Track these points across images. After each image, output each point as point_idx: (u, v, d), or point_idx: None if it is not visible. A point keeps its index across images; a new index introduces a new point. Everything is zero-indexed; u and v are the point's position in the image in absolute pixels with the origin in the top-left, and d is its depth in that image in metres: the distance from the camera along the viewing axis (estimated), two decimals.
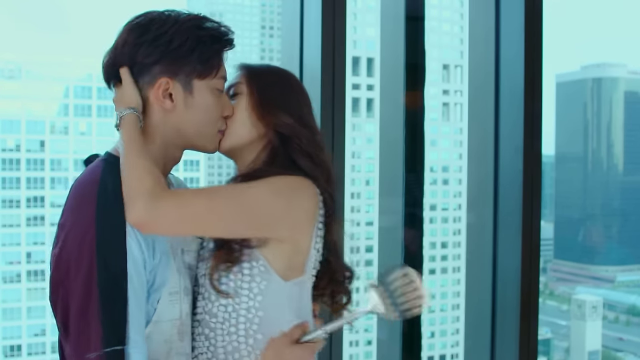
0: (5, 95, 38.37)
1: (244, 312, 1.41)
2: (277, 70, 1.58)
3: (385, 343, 3.12)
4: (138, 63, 1.39)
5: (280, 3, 7.41)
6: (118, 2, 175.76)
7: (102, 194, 1.31)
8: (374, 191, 31.88)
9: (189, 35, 1.39)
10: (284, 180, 1.42)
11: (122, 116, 1.38)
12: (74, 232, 1.30)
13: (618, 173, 66.07)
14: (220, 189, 1.44)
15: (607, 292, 58.52)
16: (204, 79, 1.41)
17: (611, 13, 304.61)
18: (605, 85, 67.65)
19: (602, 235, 65.28)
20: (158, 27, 1.38)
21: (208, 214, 1.34)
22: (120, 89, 1.41)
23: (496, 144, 3.03)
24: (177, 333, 1.40)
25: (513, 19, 2.94)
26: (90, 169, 1.39)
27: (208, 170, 36.70)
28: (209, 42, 1.41)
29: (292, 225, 1.41)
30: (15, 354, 34.69)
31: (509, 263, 2.97)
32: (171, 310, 1.38)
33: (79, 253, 1.28)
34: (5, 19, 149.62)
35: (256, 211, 1.37)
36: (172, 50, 1.38)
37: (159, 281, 1.35)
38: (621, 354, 54.97)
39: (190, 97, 1.41)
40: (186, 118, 1.42)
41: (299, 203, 1.41)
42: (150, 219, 1.28)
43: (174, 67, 1.39)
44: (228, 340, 1.42)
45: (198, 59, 1.40)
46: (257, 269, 1.41)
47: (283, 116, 1.48)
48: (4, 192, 35.03)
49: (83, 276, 1.26)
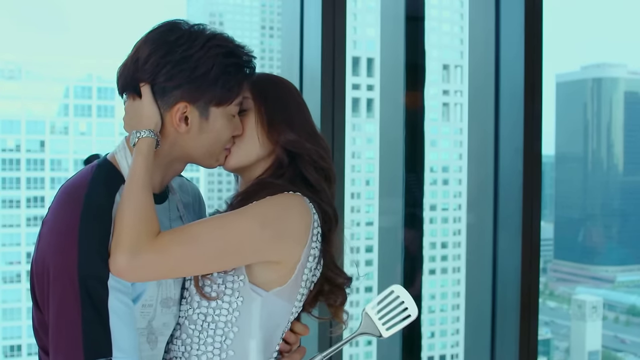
0: (5, 95, 38.33)
1: (222, 325, 1.41)
2: (277, 81, 1.56)
3: (385, 343, 3.12)
4: (159, 83, 1.35)
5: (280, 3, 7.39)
6: (118, 3, 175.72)
7: (87, 202, 1.30)
8: (374, 191, 31.85)
9: (215, 63, 1.36)
10: (274, 203, 1.40)
11: (140, 137, 1.35)
12: (55, 236, 1.30)
13: (618, 173, 66.05)
14: (203, 228, 1.37)
15: (607, 293, 58.49)
16: (220, 107, 1.39)
17: (611, 13, 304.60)
18: (605, 86, 67.63)
19: (602, 235, 65.26)
20: (185, 49, 1.35)
21: (191, 259, 1.33)
22: (136, 104, 1.38)
23: (496, 144, 3.03)
24: (146, 341, 1.39)
25: (513, 19, 2.94)
26: (82, 172, 1.38)
27: (208, 170, 36.57)
28: (234, 72, 1.39)
29: (280, 249, 1.40)
30: (15, 354, 34.66)
31: (509, 263, 2.97)
32: (139, 321, 1.36)
33: (61, 258, 1.26)
34: (6, 19, 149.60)
35: (241, 246, 1.36)
36: (197, 77, 1.35)
37: (135, 293, 1.34)
38: (621, 354, 54.97)
39: (206, 123, 1.39)
40: (198, 141, 1.40)
41: (287, 227, 1.40)
42: (132, 271, 1.28)
43: (196, 94, 1.36)
44: (203, 350, 1.42)
45: (221, 89, 1.37)
46: (238, 283, 1.40)
47: (290, 134, 1.48)
48: (4, 192, 35.00)
49: (62, 286, 1.25)
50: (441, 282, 37.25)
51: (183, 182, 1.62)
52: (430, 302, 35.31)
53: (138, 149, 1.34)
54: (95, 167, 1.38)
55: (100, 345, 1.24)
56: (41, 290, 1.31)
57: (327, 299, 1.54)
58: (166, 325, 1.42)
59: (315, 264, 1.46)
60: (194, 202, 1.62)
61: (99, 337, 1.24)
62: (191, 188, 1.64)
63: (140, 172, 1.32)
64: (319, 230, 1.45)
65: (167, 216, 1.47)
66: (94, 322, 1.24)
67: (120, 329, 1.26)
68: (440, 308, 36.80)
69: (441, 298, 37.17)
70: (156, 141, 1.36)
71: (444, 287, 37.53)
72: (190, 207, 1.60)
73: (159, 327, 1.41)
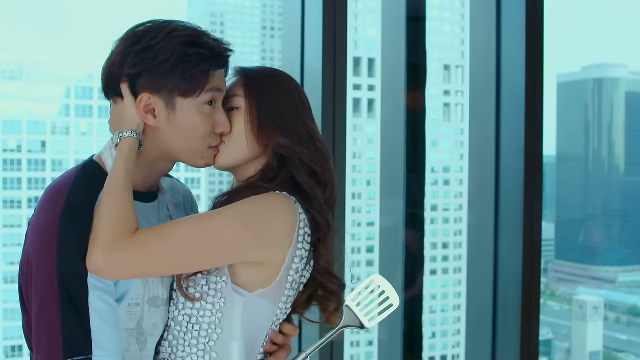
0: (6, 95, 38.36)
1: (206, 327, 1.40)
2: (275, 78, 1.50)
3: (387, 344, 3.12)
4: (125, 74, 1.35)
5: (281, 4, 7.39)
6: (119, 3, 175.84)
7: (68, 202, 1.30)
8: (375, 192, 31.83)
9: (174, 51, 1.34)
10: (256, 202, 1.38)
11: (122, 137, 1.35)
12: (37, 235, 1.30)
13: (619, 174, 65.96)
14: (182, 227, 1.35)
15: (609, 293, 58.42)
16: (187, 97, 1.37)
17: (612, 13, 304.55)
18: (606, 86, 67.56)
19: (603, 235, 65.17)
20: (150, 39, 1.35)
21: (169, 257, 1.32)
22: (119, 106, 1.39)
23: (497, 144, 3.03)
24: (135, 342, 1.38)
25: (514, 19, 2.94)
26: (67, 173, 1.39)
27: (209, 171, 36.62)
28: (196, 61, 1.36)
29: (262, 250, 1.37)
30: (16, 355, 34.68)
31: (510, 264, 2.97)
32: (127, 321, 1.36)
33: (41, 256, 1.27)
34: (6, 19, 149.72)
35: (221, 245, 1.34)
36: (156, 66, 1.34)
37: (120, 292, 1.33)
38: (622, 354, 54.92)
39: (173, 114, 1.37)
40: (171, 135, 1.39)
41: (270, 227, 1.37)
42: (109, 268, 1.26)
43: (156, 82, 1.35)
44: (188, 352, 1.41)
45: (181, 77, 1.35)
46: (221, 284, 1.39)
47: (280, 137, 1.43)
48: (6, 193, 35.01)
49: (42, 283, 1.26)
50: (442, 282, 37.22)
51: (174, 183, 1.62)
52: (431, 303, 35.29)
53: (120, 149, 1.34)
54: (80, 167, 1.39)
55: (79, 343, 1.24)
56: (26, 291, 1.32)
57: (321, 304, 1.52)
58: (156, 326, 1.41)
59: (304, 265, 1.43)
60: (185, 203, 1.62)
61: (78, 335, 1.24)
62: (182, 189, 1.63)
63: (120, 171, 1.32)
64: (306, 231, 1.42)
65: (157, 215, 1.47)
66: (73, 320, 1.24)
67: (101, 327, 1.26)
68: (442, 308, 36.78)
69: (442, 298, 37.14)
70: (139, 141, 1.36)
71: (445, 288, 37.51)
72: (182, 207, 1.59)
73: (148, 328, 1.40)
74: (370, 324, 1.45)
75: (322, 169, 1.46)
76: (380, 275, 1.48)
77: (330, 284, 1.49)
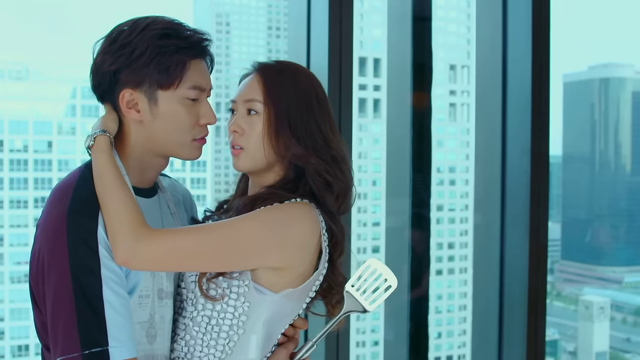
0: (13, 96, 38.48)
1: (226, 328, 1.41)
2: (293, 79, 1.48)
3: (392, 344, 3.12)
4: (105, 73, 1.37)
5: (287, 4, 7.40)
6: (124, 4, 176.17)
7: (74, 196, 1.32)
8: (380, 192, 31.82)
9: (149, 44, 1.35)
10: (282, 210, 1.40)
11: (95, 136, 1.36)
12: (47, 232, 1.31)
13: (625, 173, 65.76)
14: (208, 225, 1.43)
15: (615, 293, 58.26)
16: (166, 89, 1.38)
17: (619, 13, 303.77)
18: (612, 86, 67.37)
19: (609, 236, 64.98)
20: (126, 36, 1.37)
21: (195, 251, 1.33)
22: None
23: (503, 144, 3.02)
24: (145, 335, 1.39)
25: (520, 19, 2.94)
26: (72, 172, 1.40)
27: (215, 171, 36.77)
28: (170, 52, 1.37)
29: (284, 257, 1.39)
30: (23, 354, 34.78)
31: (516, 264, 2.96)
32: (140, 313, 1.38)
33: (53, 251, 1.28)
34: (13, 20, 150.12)
35: (246, 248, 1.35)
36: (133, 60, 1.36)
37: (130, 283, 1.35)
38: (629, 355, 54.77)
39: (156, 108, 1.39)
40: (155, 128, 1.40)
41: (293, 234, 1.40)
42: (136, 258, 1.29)
43: (135, 77, 1.37)
44: (206, 352, 1.42)
45: (156, 70, 1.36)
46: (244, 288, 1.40)
47: (297, 148, 1.44)
48: (12, 193, 35.12)
49: (56, 279, 1.27)
50: (448, 282, 37.17)
51: (173, 182, 1.64)
52: (437, 303, 35.25)
53: (97, 148, 1.36)
54: (84, 165, 1.40)
55: (95, 335, 1.25)
56: (38, 289, 1.32)
57: (325, 298, 1.54)
58: (163, 319, 1.43)
59: (326, 269, 1.48)
60: (184, 201, 1.64)
61: (93, 327, 1.26)
62: (181, 188, 1.66)
63: (107, 166, 1.34)
64: (327, 237, 1.46)
65: (158, 210, 1.49)
66: (87, 313, 1.25)
67: (115, 319, 1.27)
68: (447, 309, 36.74)
69: (448, 299, 37.10)
70: (110, 140, 1.37)
71: (451, 288, 37.46)
72: (181, 205, 1.61)
73: (158, 320, 1.41)
74: (372, 306, 1.47)
75: (336, 179, 1.47)
76: (375, 259, 1.50)
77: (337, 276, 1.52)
